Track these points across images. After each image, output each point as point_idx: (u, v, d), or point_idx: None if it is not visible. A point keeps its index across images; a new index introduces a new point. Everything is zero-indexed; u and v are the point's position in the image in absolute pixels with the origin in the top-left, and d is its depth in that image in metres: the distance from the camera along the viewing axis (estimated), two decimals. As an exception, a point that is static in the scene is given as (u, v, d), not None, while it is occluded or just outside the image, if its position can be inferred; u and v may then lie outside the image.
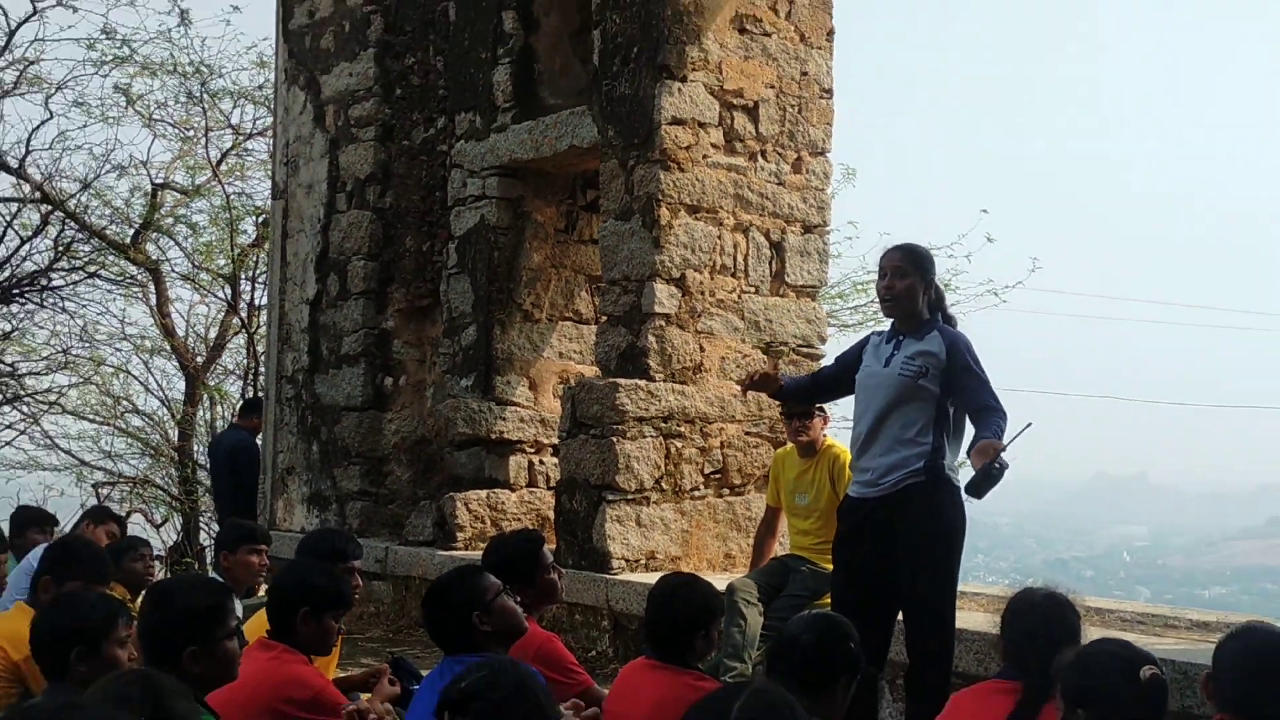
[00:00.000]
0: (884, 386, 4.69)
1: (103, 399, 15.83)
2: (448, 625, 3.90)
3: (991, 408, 4.62)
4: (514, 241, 8.54)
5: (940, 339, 4.67)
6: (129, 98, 14.23)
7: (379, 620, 8.46)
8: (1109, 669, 2.85)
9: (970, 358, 4.66)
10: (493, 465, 8.47)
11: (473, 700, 2.58)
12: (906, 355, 4.67)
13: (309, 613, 3.98)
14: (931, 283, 4.83)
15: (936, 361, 4.62)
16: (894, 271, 4.79)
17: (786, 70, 7.68)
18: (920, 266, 4.81)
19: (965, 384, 4.63)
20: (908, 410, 4.64)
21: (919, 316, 4.77)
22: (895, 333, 4.80)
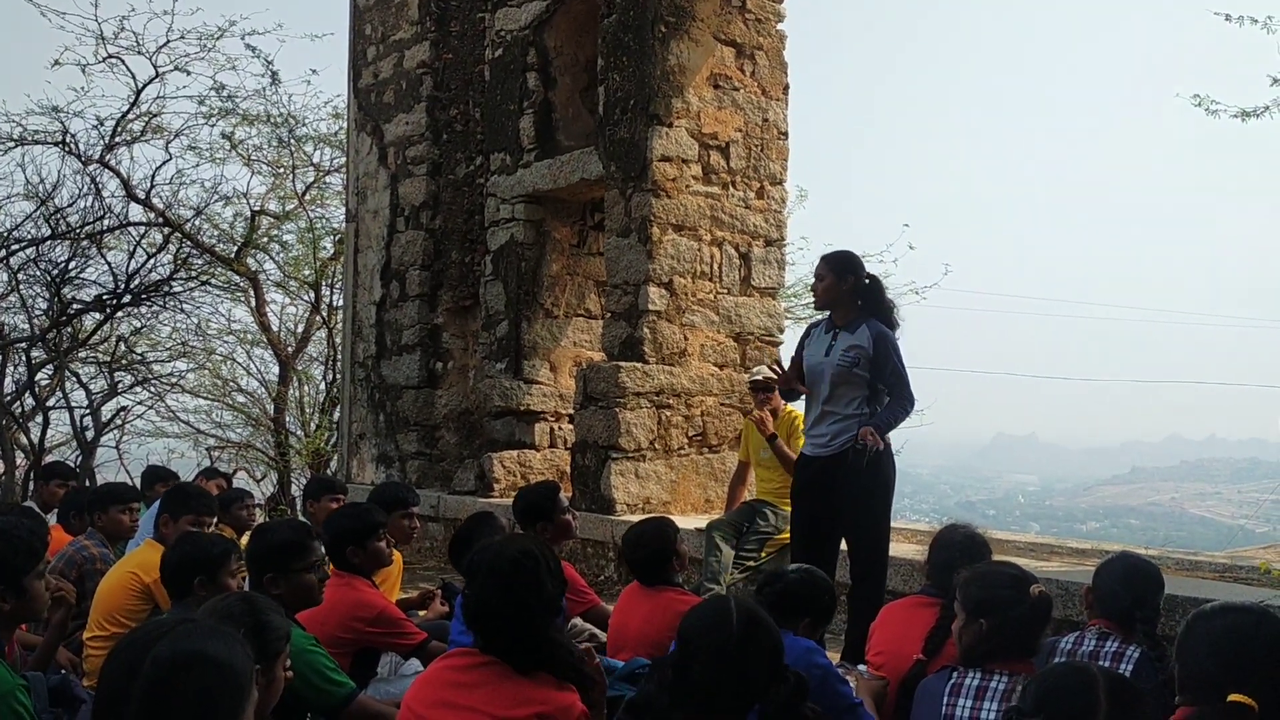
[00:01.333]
0: (827, 372, 4.68)
1: (214, 381, 15.75)
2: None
3: (897, 398, 4.61)
4: (537, 254, 8.49)
5: (868, 333, 4.63)
6: (232, 142, 14.12)
7: (432, 554, 8.44)
8: (1005, 584, 2.84)
9: (891, 351, 4.61)
10: (522, 431, 8.44)
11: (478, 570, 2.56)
12: (843, 348, 4.64)
13: (354, 549, 3.95)
14: (850, 279, 4.73)
15: (865, 353, 4.59)
16: (816, 276, 4.84)
17: (752, 117, 7.63)
18: (835, 269, 4.75)
19: (884, 375, 4.61)
20: (846, 390, 4.63)
21: (846, 310, 4.72)
22: (832, 325, 4.76)
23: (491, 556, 2.53)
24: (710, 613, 2.38)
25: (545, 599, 2.52)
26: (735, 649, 2.27)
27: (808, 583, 3.22)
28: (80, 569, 4.82)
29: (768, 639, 2.35)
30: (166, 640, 1.62)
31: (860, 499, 4.56)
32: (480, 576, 2.52)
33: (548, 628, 2.50)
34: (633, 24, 7.32)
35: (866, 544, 4.62)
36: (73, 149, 12.87)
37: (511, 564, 2.50)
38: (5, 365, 13.53)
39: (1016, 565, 3.04)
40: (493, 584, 2.48)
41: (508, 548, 2.57)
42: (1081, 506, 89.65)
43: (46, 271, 12.79)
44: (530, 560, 2.53)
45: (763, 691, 2.32)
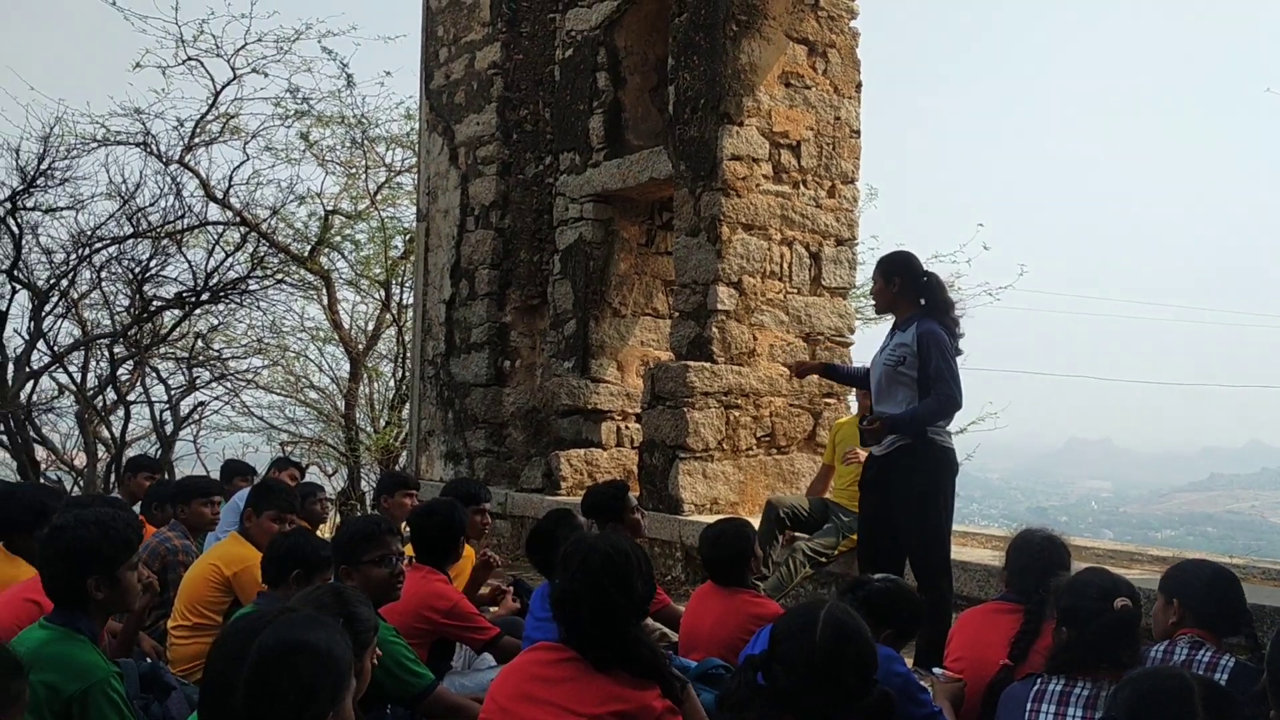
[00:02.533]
0: (877, 371, 4.71)
1: (287, 377, 16.01)
2: (546, 557, 3.92)
3: (933, 396, 4.51)
4: (605, 254, 8.52)
5: (915, 332, 4.58)
6: (307, 143, 14.36)
7: (500, 550, 8.50)
8: (1089, 595, 2.80)
9: (933, 348, 4.51)
10: (589, 430, 8.48)
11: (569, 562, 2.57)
12: (891, 346, 4.66)
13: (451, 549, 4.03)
14: (896, 281, 4.69)
15: (910, 351, 4.56)
16: (872, 279, 4.85)
17: (823, 116, 7.58)
18: (883, 272, 4.74)
19: (928, 372, 4.54)
20: (895, 389, 4.62)
21: (905, 310, 4.69)
22: (894, 325, 4.78)
23: (585, 551, 2.55)
24: (800, 619, 2.36)
25: (633, 599, 2.53)
26: (821, 658, 2.25)
27: (892, 593, 3.18)
28: (163, 560, 4.96)
29: (857, 651, 2.30)
30: (271, 629, 1.67)
31: (911, 500, 4.54)
32: (571, 570, 2.53)
33: (631, 627, 2.51)
34: (704, 23, 7.31)
35: (921, 546, 4.58)
36: (153, 150, 13.22)
37: (604, 560, 2.51)
38: (88, 360, 13.94)
39: (1111, 575, 2.97)
40: (582, 578, 2.50)
41: (601, 544, 2.59)
42: (1157, 514, 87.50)
43: (129, 269, 13.15)
44: (622, 559, 2.54)
45: (849, 703, 2.28)
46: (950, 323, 4.66)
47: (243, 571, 4.13)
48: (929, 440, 4.54)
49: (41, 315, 12.53)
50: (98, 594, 2.75)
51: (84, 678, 2.57)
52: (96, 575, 2.74)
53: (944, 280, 4.80)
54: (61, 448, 14.40)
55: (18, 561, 3.92)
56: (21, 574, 3.74)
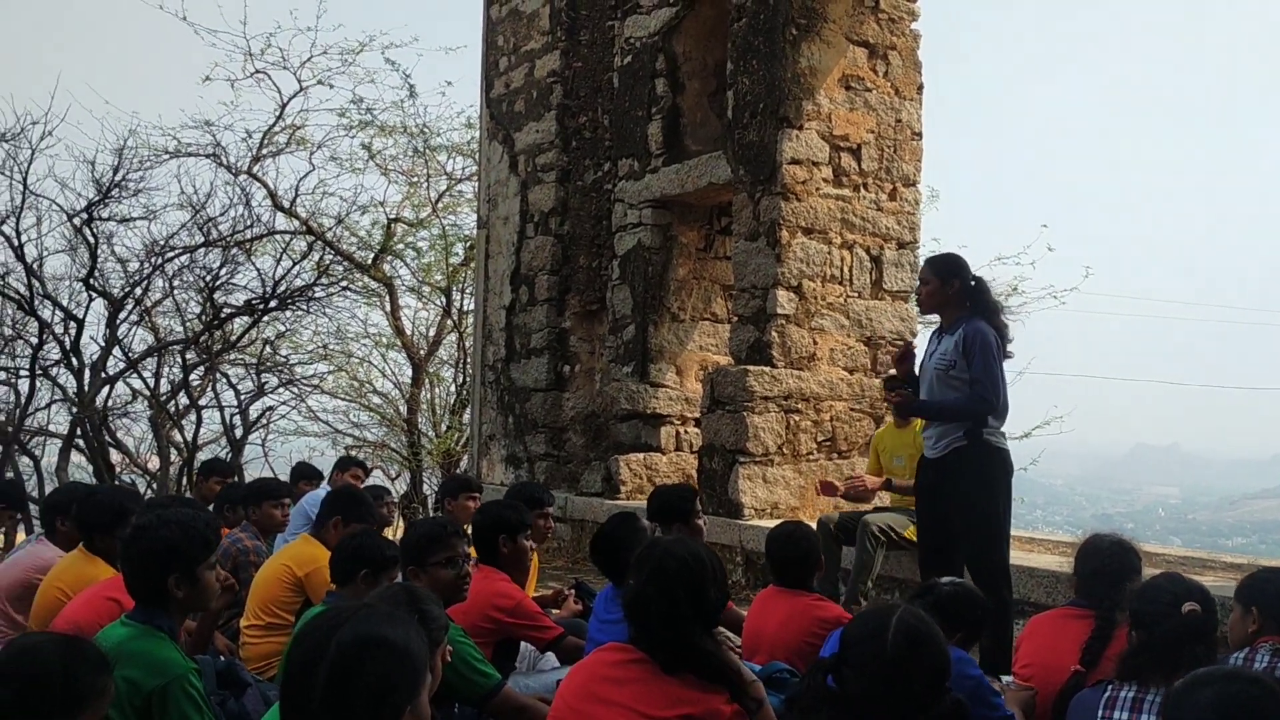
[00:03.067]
0: (928, 375, 4.69)
1: (351, 382, 16.25)
2: (609, 560, 3.93)
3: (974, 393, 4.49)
4: (664, 259, 8.54)
5: (962, 333, 4.55)
6: (370, 153, 14.61)
7: (560, 554, 8.56)
8: (1159, 599, 2.75)
9: (978, 349, 4.48)
10: (648, 434, 8.49)
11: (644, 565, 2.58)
12: (941, 350, 4.63)
13: (505, 537, 4.04)
14: (955, 282, 4.64)
15: (958, 354, 4.53)
16: (920, 280, 4.81)
17: (884, 118, 7.52)
18: (939, 272, 4.69)
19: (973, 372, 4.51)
20: (946, 393, 4.59)
21: (954, 312, 4.66)
22: (940, 329, 4.74)
23: (661, 555, 2.56)
24: (872, 623, 2.34)
25: (706, 606, 2.53)
26: (892, 663, 2.23)
27: (960, 596, 3.15)
28: (235, 560, 5.06)
29: (929, 656, 2.27)
30: (349, 625, 1.71)
31: (965, 503, 4.50)
32: (645, 573, 2.54)
33: (702, 634, 2.50)
34: (763, 27, 7.30)
35: (976, 549, 4.52)
36: (223, 161, 13.54)
37: (679, 565, 2.52)
38: (161, 366, 14.29)
39: (1185, 580, 2.91)
40: (656, 583, 2.50)
41: (677, 548, 2.59)
42: (1227, 521, 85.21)
43: (200, 278, 13.46)
44: (699, 564, 2.54)
45: (920, 709, 2.26)
46: (999, 325, 4.61)
47: (314, 572, 4.19)
48: (983, 441, 4.51)
49: (117, 323, 12.87)
50: (177, 592, 2.82)
51: (164, 673, 2.63)
52: (177, 574, 2.81)
53: (990, 284, 4.76)
54: (136, 451, 14.77)
55: (97, 561, 4.03)
56: (101, 573, 3.85)
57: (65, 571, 4.04)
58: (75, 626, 2.98)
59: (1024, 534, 7.10)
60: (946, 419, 4.55)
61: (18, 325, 13.40)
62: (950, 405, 4.54)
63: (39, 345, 12.76)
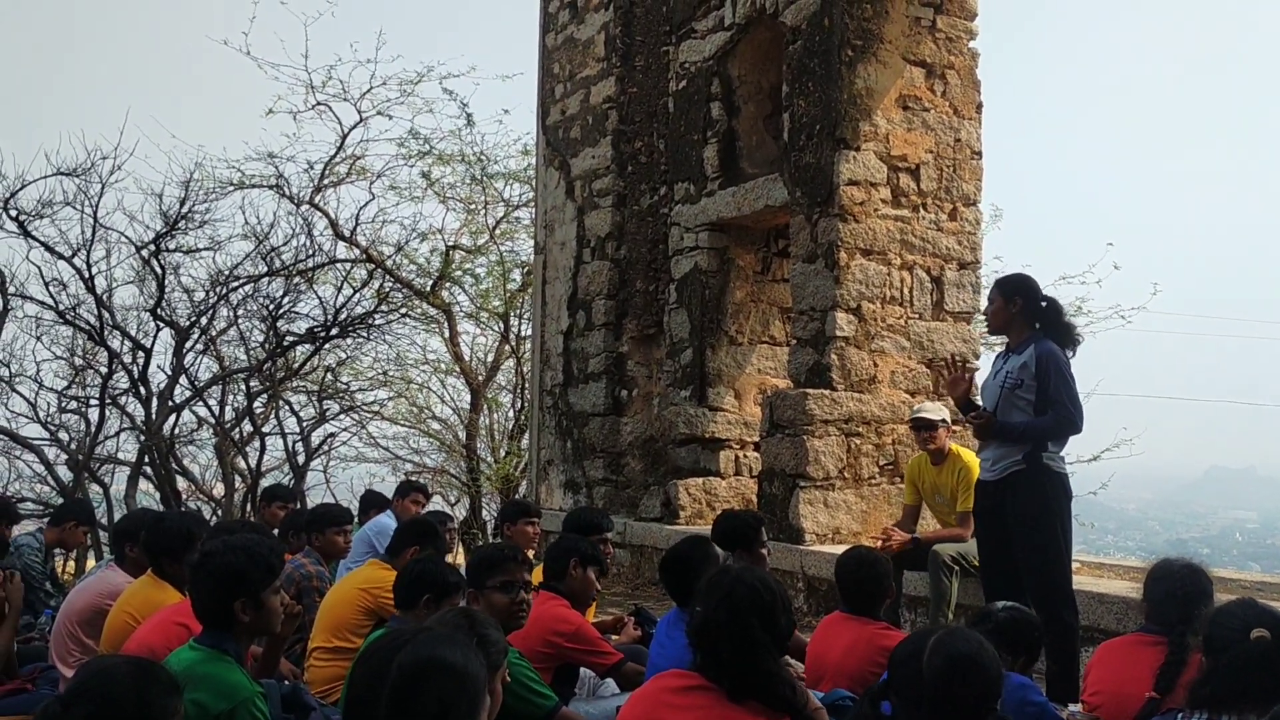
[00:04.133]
0: (991, 394, 4.66)
1: (411, 408, 16.47)
2: (679, 582, 3.93)
3: (1051, 414, 4.47)
4: (721, 282, 8.55)
5: (1034, 353, 4.53)
6: (429, 181, 14.84)
7: (620, 579, 8.56)
8: (1230, 625, 2.69)
9: (1053, 369, 4.47)
10: (706, 458, 8.48)
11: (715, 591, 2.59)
12: (1009, 369, 4.60)
13: (578, 561, 4.07)
14: (1018, 301, 4.64)
15: (1029, 373, 4.51)
16: (989, 300, 4.80)
17: (943, 138, 7.48)
18: (1003, 292, 4.69)
19: (1048, 393, 4.49)
20: (1009, 412, 4.55)
21: (1020, 332, 4.65)
22: (1007, 349, 4.73)
23: (731, 583, 2.57)
24: (911, 645, 2.33)
25: (775, 633, 2.54)
26: (933, 684, 2.21)
27: (1017, 620, 3.11)
28: (298, 586, 5.15)
29: (976, 678, 2.25)
30: (410, 648, 1.74)
31: (1024, 527, 4.46)
32: (715, 600, 2.55)
33: (771, 662, 2.51)
34: (819, 49, 7.31)
35: (1036, 572, 4.46)
36: (285, 192, 13.86)
37: (750, 592, 2.53)
38: (226, 394, 14.60)
39: (1260, 606, 2.83)
40: (727, 608, 2.51)
41: (748, 575, 2.61)
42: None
43: (263, 306, 13.75)
44: (769, 593, 2.57)
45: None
46: (1067, 344, 4.59)
47: (387, 595, 4.25)
48: (1042, 465, 4.48)
49: (183, 351, 13.18)
50: (244, 617, 2.88)
51: (231, 697, 2.69)
52: (243, 599, 2.87)
53: (1064, 307, 4.76)
54: (201, 478, 15.09)
55: (165, 587, 4.11)
56: (169, 599, 3.93)
57: (134, 596, 4.13)
58: (147, 650, 3.06)
59: (1093, 559, 6.96)
60: (1030, 440, 4.48)
61: (88, 355, 13.80)
62: (1034, 426, 4.48)
63: (108, 375, 13.11)
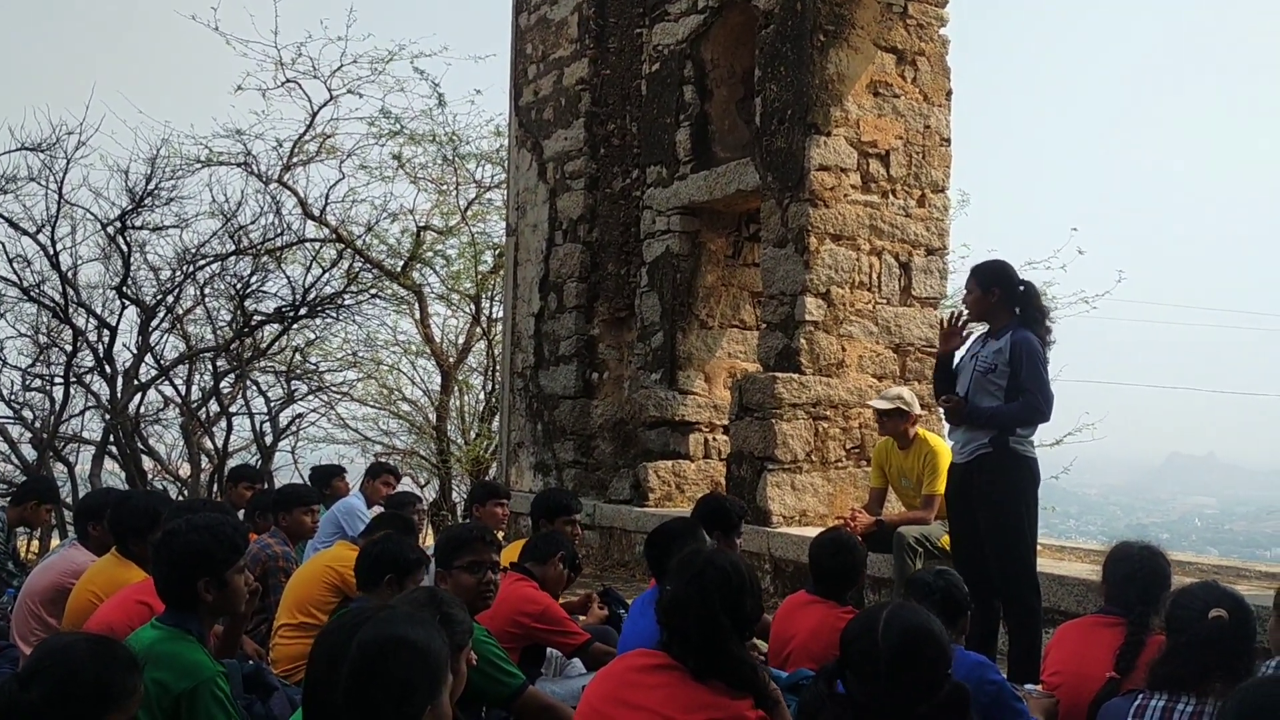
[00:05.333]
0: (966, 375, 4.70)
1: (380, 390, 16.38)
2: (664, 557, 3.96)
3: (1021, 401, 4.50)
4: (692, 266, 8.55)
5: (1010, 340, 4.57)
6: (400, 161, 14.71)
7: (588, 561, 8.56)
8: (1189, 606, 2.76)
9: (1025, 356, 4.50)
10: (676, 441, 8.50)
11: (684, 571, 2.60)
12: (985, 354, 4.64)
13: (563, 557, 4.12)
14: (995, 291, 4.68)
15: (1003, 359, 4.55)
16: (966, 289, 4.82)
17: (913, 124, 7.51)
18: (982, 283, 4.72)
19: (1020, 381, 4.52)
20: (980, 397, 4.60)
21: (999, 319, 4.68)
22: (987, 333, 4.77)
23: (702, 563, 2.59)
24: (864, 622, 2.35)
25: (740, 618, 2.56)
26: (888, 659, 2.23)
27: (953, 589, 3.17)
28: (264, 566, 5.11)
29: (931, 650, 2.27)
30: (370, 625, 1.74)
31: (991, 509, 4.52)
32: (684, 579, 2.56)
33: (735, 645, 2.53)
34: (791, 34, 7.31)
35: (1001, 555, 4.52)
36: (254, 169, 13.69)
37: (720, 575, 2.55)
38: (192, 373, 14.46)
39: (1221, 588, 2.88)
40: (695, 589, 2.53)
41: (719, 558, 2.63)
42: (1265, 532, 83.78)
43: (231, 285, 13.61)
44: (739, 577, 2.59)
45: (921, 698, 2.25)
46: (1043, 332, 4.63)
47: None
48: (1009, 449, 4.52)
49: (149, 330, 13.03)
50: (207, 596, 2.86)
51: (193, 676, 2.67)
52: (207, 578, 2.85)
53: (1038, 290, 4.75)
54: (167, 458, 14.94)
55: (130, 565, 4.08)
56: (133, 577, 3.89)
57: (98, 575, 4.10)
58: (107, 628, 3.03)
59: (1055, 542, 7.04)
60: (997, 426, 4.52)
61: (52, 333, 13.61)
62: (1003, 413, 4.51)
63: (73, 353, 12.94)
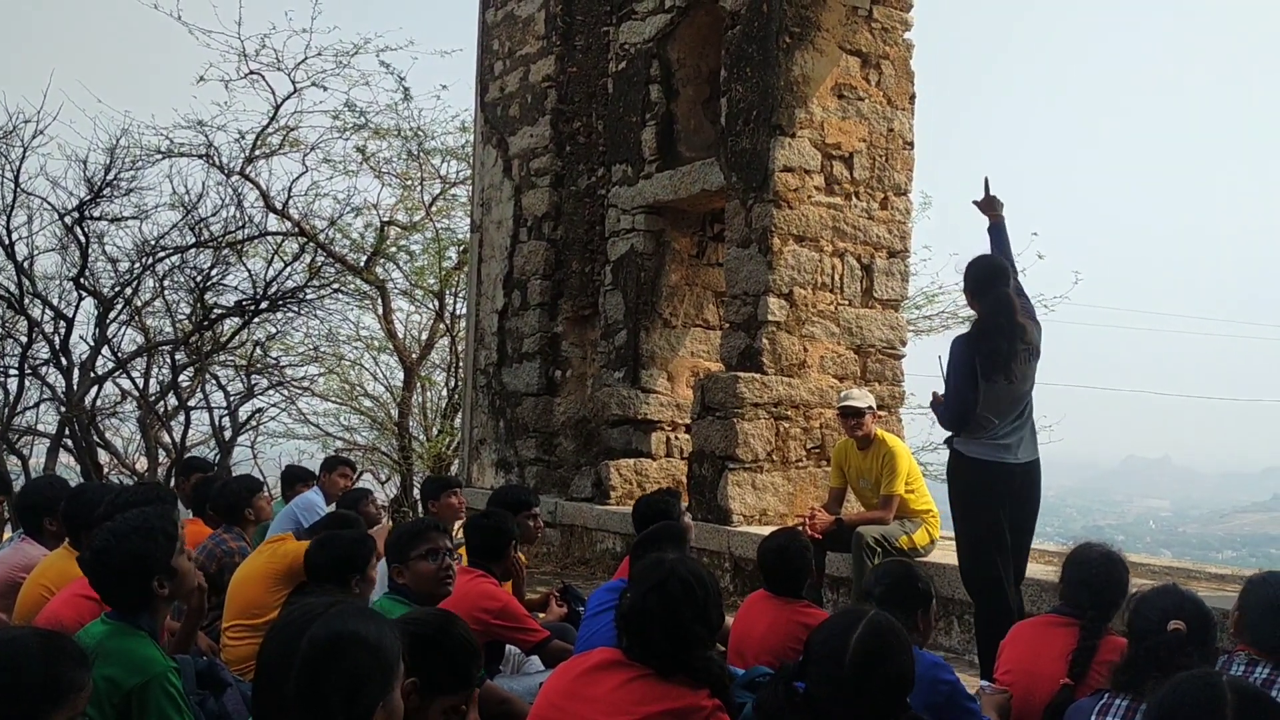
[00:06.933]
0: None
1: (342, 385, 16.21)
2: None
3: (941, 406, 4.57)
4: (657, 265, 8.55)
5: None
6: (364, 155, 14.57)
7: (549, 558, 8.56)
8: (1148, 615, 2.80)
9: (948, 363, 4.52)
10: (639, 440, 8.50)
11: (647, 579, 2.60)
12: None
13: (514, 544, 4.11)
14: (967, 296, 4.70)
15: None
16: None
17: (876, 127, 7.55)
18: (964, 288, 4.73)
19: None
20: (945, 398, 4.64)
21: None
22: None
23: (665, 572, 2.58)
24: (834, 629, 2.34)
25: (704, 627, 2.57)
26: (850, 669, 2.22)
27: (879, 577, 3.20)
28: (219, 561, 5.03)
29: (891, 664, 2.25)
30: (321, 621, 1.71)
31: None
32: (649, 587, 2.55)
33: (700, 652, 2.54)
34: (757, 35, 7.32)
35: (960, 557, 4.59)
36: (216, 161, 13.50)
37: (683, 585, 2.55)
38: (151, 367, 14.25)
39: (1181, 594, 2.91)
40: (659, 598, 2.52)
41: (682, 567, 2.62)
42: (1217, 534, 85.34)
43: (191, 278, 13.42)
44: (702, 588, 2.59)
45: (882, 716, 2.25)
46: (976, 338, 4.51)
47: (296, 561, 4.17)
48: (954, 451, 4.58)
49: (106, 322, 12.82)
50: (163, 591, 2.83)
51: (143, 671, 2.63)
52: (158, 574, 2.81)
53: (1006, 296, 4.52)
54: (124, 452, 14.72)
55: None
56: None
57: (50, 569, 4.02)
58: (57, 623, 2.98)
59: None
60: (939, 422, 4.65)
61: (7, 324, 13.37)
62: (934, 410, 4.65)
63: (28, 344, 12.72)
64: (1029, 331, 4.52)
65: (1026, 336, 4.50)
